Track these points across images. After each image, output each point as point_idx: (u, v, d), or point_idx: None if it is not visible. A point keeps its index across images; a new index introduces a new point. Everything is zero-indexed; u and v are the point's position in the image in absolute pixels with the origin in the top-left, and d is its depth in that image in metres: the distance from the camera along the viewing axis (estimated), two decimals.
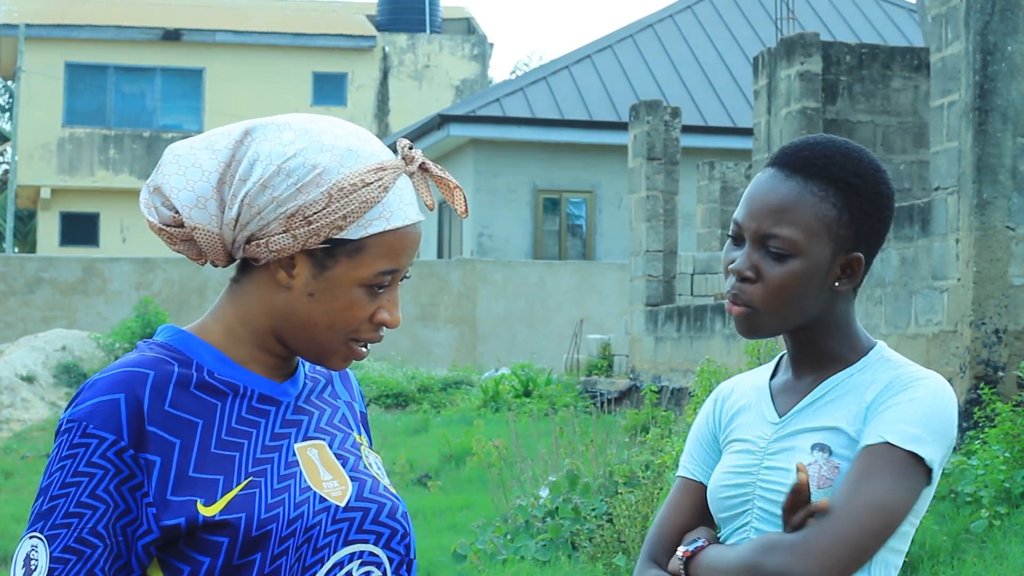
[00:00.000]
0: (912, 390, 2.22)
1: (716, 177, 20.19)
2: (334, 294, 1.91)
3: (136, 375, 1.88)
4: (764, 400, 2.36)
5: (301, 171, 1.89)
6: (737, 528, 2.31)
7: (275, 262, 1.91)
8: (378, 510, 1.96)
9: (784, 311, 2.26)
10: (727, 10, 28.52)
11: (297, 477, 1.92)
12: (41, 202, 35.78)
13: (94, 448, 1.83)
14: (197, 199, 1.91)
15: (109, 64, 35.83)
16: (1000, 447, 7.58)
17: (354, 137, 1.94)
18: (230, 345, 1.96)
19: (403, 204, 1.92)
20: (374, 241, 1.90)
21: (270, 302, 1.94)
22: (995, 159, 9.07)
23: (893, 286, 10.02)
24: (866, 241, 2.28)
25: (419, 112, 35.49)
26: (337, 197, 1.88)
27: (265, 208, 1.89)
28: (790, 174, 2.26)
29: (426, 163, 1.95)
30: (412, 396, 18.89)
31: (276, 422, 1.96)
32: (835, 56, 12.62)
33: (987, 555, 6.77)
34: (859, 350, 2.32)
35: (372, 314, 1.94)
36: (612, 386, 16.46)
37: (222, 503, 1.86)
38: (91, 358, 20.51)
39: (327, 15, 39.03)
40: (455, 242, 26.57)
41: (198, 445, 1.88)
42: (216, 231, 1.91)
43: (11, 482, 13.06)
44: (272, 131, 1.92)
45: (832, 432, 2.25)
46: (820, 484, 2.22)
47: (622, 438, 10.41)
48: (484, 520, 9.13)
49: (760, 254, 2.25)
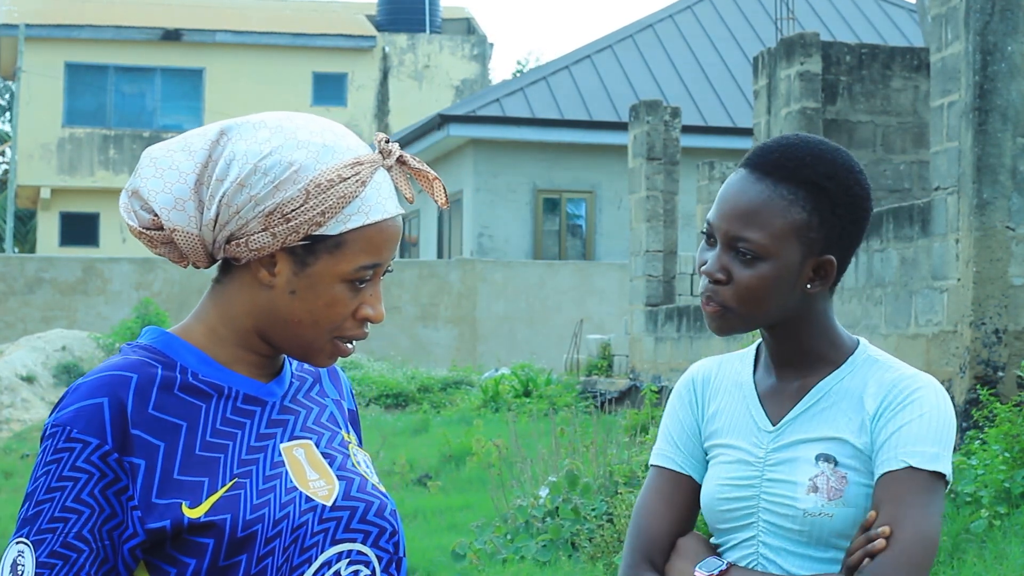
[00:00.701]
0: (917, 404, 2.22)
1: (716, 177, 20.18)
2: (316, 291, 1.91)
3: (119, 378, 1.88)
4: (751, 404, 2.33)
5: (278, 169, 1.89)
6: (741, 542, 2.28)
7: (256, 261, 1.91)
8: (366, 508, 1.95)
9: (755, 312, 2.25)
10: (727, 10, 28.51)
11: (283, 477, 1.91)
12: (41, 202, 35.78)
13: (78, 452, 1.83)
14: (175, 201, 1.91)
15: (109, 64, 35.83)
16: (1000, 447, 7.57)
17: (329, 133, 1.94)
18: (213, 346, 1.95)
19: (381, 198, 1.92)
20: (354, 236, 1.90)
21: (252, 301, 1.93)
22: (995, 159, 9.07)
23: (893, 286, 10.02)
24: (838, 243, 2.26)
25: (419, 112, 35.48)
26: (315, 193, 1.88)
27: (243, 207, 1.89)
28: (761, 176, 2.24)
29: (403, 156, 1.95)
30: (412, 396, 18.88)
31: (261, 422, 1.95)
32: (835, 56, 12.62)
33: (987, 555, 6.77)
34: (842, 349, 2.31)
35: (355, 310, 1.93)
36: (612, 386, 16.46)
37: (207, 505, 1.86)
38: (91, 358, 20.51)
39: (327, 15, 39.03)
40: (455, 242, 26.57)
41: (183, 447, 1.88)
42: (195, 232, 1.91)
43: (11, 482, 13.05)
44: (247, 130, 1.92)
45: (835, 442, 2.24)
46: (830, 496, 2.21)
47: (622, 438, 10.40)
48: (484, 520, 9.13)
49: (730, 256, 2.24)
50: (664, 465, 2.37)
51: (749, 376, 2.36)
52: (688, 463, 2.36)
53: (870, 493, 2.22)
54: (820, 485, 2.22)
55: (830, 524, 2.21)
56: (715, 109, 25.69)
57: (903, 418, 2.21)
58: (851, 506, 2.21)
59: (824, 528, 2.22)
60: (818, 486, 2.22)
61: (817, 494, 2.22)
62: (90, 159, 35.65)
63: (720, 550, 2.31)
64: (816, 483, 2.22)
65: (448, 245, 27.07)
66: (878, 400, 2.23)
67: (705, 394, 2.38)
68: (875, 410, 2.23)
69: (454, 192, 26.37)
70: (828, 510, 2.21)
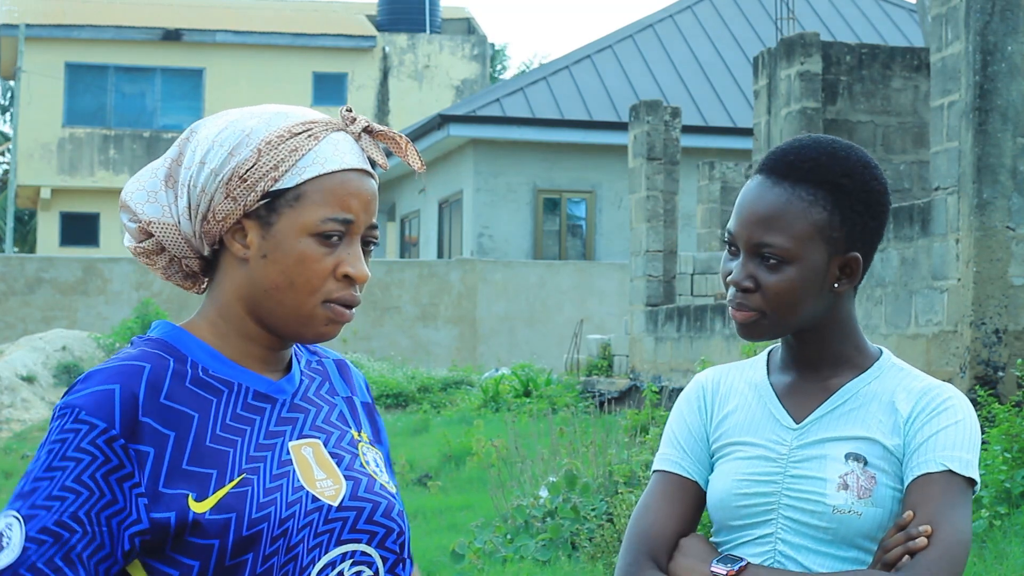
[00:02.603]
0: (952, 411, 2.24)
1: (716, 177, 20.19)
2: (283, 249, 1.91)
3: (132, 368, 1.88)
4: (770, 402, 2.32)
5: (232, 138, 1.92)
6: (757, 538, 2.27)
7: (230, 237, 1.93)
8: (372, 509, 1.95)
9: (787, 315, 2.25)
10: (727, 10, 28.51)
11: (290, 476, 1.91)
12: (41, 202, 35.77)
13: (84, 434, 1.82)
14: (148, 195, 1.96)
15: (109, 64, 35.83)
16: (1000, 447, 7.57)
17: (287, 107, 1.98)
18: (220, 341, 1.96)
19: (339, 153, 1.93)
20: (312, 187, 1.91)
21: (237, 282, 1.94)
22: (995, 159, 9.07)
23: (893, 286, 10.01)
24: (861, 240, 2.27)
25: (419, 112, 35.48)
26: (266, 151, 1.91)
27: (207, 183, 1.92)
28: (777, 180, 2.25)
29: (371, 125, 1.97)
30: (412, 396, 18.88)
31: (271, 420, 1.95)
32: (835, 56, 12.62)
33: (987, 555, 6.76)
34: (867, 354, 2.32)
35: (334, 269, 1.92)
36: (612, 386, 16.45)
37: (213, 499, 1.85)
38: (91, 358, 20.51)
39: (327, 15, 39.03)
40: (455, 242, 26.57)
41: (193, 438, 1.87)
42: (172, 222, 1.94)
43: (11, 482, 13.05)
44: (211, 120, 1.98)
45: (865, 442, 2.25)
46: (860, 494, 2.22)
47: (622, 438, 10.40)
48: (483, 520, 9.13)
49: (755, 263, 2.25)
50: (669, 470, 2.36)
51: (764, 377, 2.36)
52: (694, 468, 2.35)
53: (896, 496, 2.23)
54: (850, 483, 2.22)
55: (857, 523, 2.21)
56: (715, 109, 25.69)
57: (939, 423, 2.23)
58: (879, 506, 2.22)
59: (851, 527, 2.22)
60: (848, 484, 2.22)
61: (847, 491, 2.22)
62: (90, 159, 35.64)
63: (729, 547, 2.29)
64: (846, 481, 2.22)
65: (448, 245, 27.07)
66: (911, 404, 2.25)
67: (716, 399, 2.38)
68: (909, 413, 2.25)
69: (454, 192, 26.36)
70: (858, 508, 2.21)
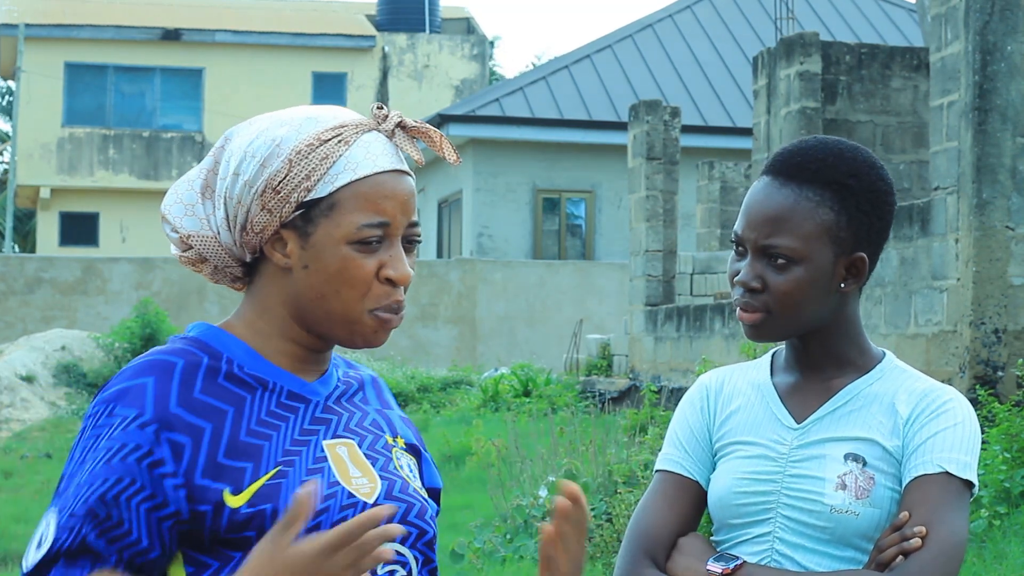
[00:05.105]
0: (952, 413, 2.25)
1: (716, 177, 20.19)
2: (324, 259, 1.90)
3: (165, 362, 1.89)
4: (772, 402, 2.33)
5: (263, 149, 1.91)
6: (754, 537, 2.27)
7: (270, 247, 1.93)
8: (407, 509, 1.95)
9: (794, 316, 2.26)
10: (727, 10, 28.51)
11: (325, 472, 1.90)
12: (41, 202, 35.76)
13: (118, 424, 1.83)
14: (185, 208, 1.96)
15: (109, 64, 35.80)
16: (999, 447, 7.57)
17: (318, 109, 1.96)
18: (256, 338, 1.96)
19: (371, 155, 1.92)
20: (345, 194, 1.90)
21: (281, 290, 1.94)
22: (995, 159, 9.07)
23: (893, 286, 10.01)
24: (867, 240, 2.29)
25: (419, 112, 35.47)
26: (297, 161, 1.90)
27: (243, 195, 1.91)
28: (784, 182, 2.26)
29: (404, 121, 1.95)
30: (412, 396, 18.88)
31: (305, 418, 1.95)
32: (835, 56, 12.62)
33: (987, 555, 6.76)
34: (870, 355, 2.33)
35: (377, 273, 1.91)
36: (612, 386, 16.45)
37: (249, 492, 1.85)
38: (91, 358, 20.50)
39: (327, 15, 39.01)
40: (455, 242, 26.57)
41: (228, 431, 1.87)
42: (211, 235, 1.95)
43: (11, 482, 13.05)
44: (244, 127, 1.96)
45: (865, 443, 2.25)
46: (858, 495, 2.23)
47: (621, 438, 10.40)
48: (483, 520, 9.13)
49: (763, 264, 2.26)
50: (671, 469, 2.36)
51: (767, 378, 2.37)
52: (696, 468, 2.35)
53: (895, 497, 2.23)
54: (848, 483, 2.23)
55: (855, 523, 2.22)
56: (715, 109, 25.69)
57: (938, 425, 2.23)
58: (876, 507, 2.23)
59: (848, 527, 2.22)
60: (846, 484, 2.23)
61: (845, 492, 2.23)
62: (90, 159, 35.63)
63: (728, 546, 2.30)
64: (844, 481, 2.23)
65: (448, 245, 27.07)
66: (911, 406, 2.26)
67: (719, 399, 2.38)
68: (909, 415, 2.25)
69: (453, 192, 26.37)
70: (855, 508, 2.22)
